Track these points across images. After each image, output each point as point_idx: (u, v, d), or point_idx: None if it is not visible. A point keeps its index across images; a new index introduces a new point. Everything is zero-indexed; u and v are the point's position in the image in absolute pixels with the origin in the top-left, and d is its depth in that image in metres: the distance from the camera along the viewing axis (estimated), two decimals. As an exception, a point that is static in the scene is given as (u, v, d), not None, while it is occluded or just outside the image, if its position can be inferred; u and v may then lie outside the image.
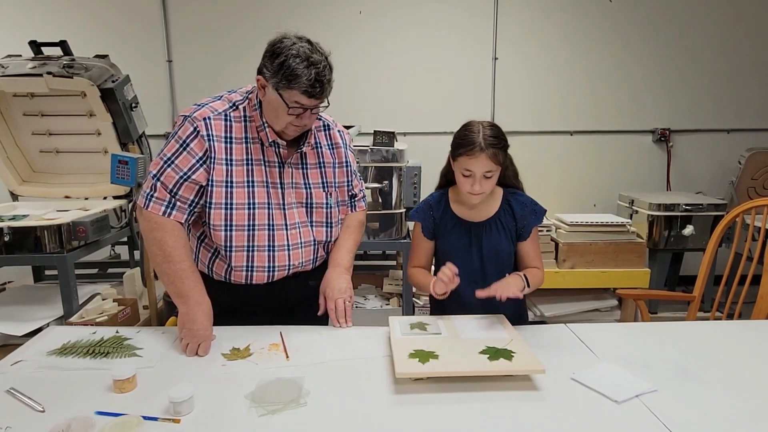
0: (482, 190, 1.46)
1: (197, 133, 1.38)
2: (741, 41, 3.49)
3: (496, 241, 1.54)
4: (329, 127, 1.59)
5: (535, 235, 1.59)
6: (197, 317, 1.35)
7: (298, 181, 1.50)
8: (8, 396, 1.13)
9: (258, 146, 1.44)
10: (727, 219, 1.97)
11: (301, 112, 1.34)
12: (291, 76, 1.28)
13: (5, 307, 2.26)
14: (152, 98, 3.27)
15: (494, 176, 1.47)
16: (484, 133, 1.44)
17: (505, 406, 1.10)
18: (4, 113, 2.66)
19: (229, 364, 1.28)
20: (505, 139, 1.48)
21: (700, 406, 1.10)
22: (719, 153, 3.60)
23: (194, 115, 1.39)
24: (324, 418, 1.06)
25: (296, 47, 1.29)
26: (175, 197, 1.39)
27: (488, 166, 1.43)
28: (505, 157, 1.48)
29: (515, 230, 1.56)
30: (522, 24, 3.44)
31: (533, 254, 1.58)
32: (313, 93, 1.30)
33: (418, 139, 3.44)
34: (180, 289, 1.38)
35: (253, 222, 1.44)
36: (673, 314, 3.04)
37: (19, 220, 2.22)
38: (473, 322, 1.44)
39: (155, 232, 1.39)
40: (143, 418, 1.02)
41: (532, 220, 1.55)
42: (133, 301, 2.26)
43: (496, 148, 1.43)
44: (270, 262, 1.47)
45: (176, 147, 1.38)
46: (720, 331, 1.53)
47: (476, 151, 1.42)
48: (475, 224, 1.56)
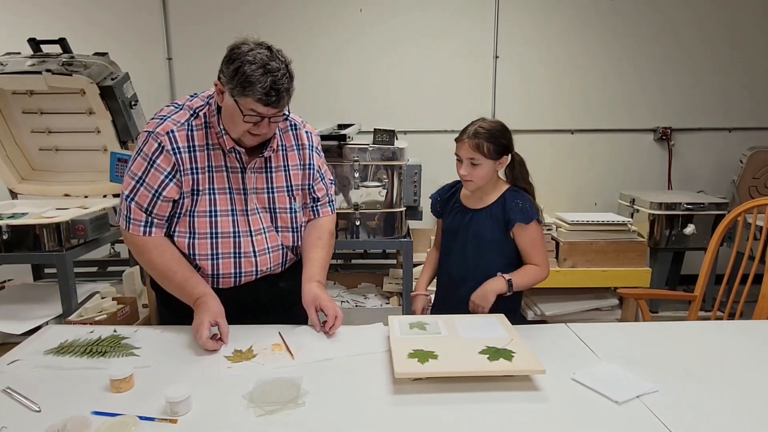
0: (469, 177, 1.60)
1: (162, 148, 1.36)
2: (743, 39, 3.48)
3: (482, 227, 1.65)
4: (296, 127, 1.54)
5: (531, 232, 1.62)
6: (210, 305, 1.37)
7: (260, 186, 1.48)
8: (4, 395, 1.12)
9: (219, 152, 1.42)
10: (729, 218, 1.96)
11: (258, 121, 1.31)
12: (245, 83, 1.25)
13: (4, 305, 2.26)
14: (152, 96, 3.25)
15: (483, 166, 1.59)
16: (479, 125, 1.59)
17: (504, 406, 1.09)
18: (4, 111, 2.65)
19: (235, 366, 1.26)
20: (503, 136, 1.60)
21: (702, 407, 1.09)
22: (721, 152, 3.59)
23: (157, 131, 1.37)
24: (322, 418, 1.05)
25: (253, 53, 1.26)
26: (151, 215, 1.40)
27: (470, 153, 1.57)
28: (496, 150, 1.58)
29: (503, 221, 1.63)
30: (523, 22, 3.43)
31: (530, 250, 1.64)
32: (269, 101, 1.27)
33: (418, 137, 3.44)
34: (188, 296, 1.41)
35: (216, 230, 1.43)
36: (673, 314, 3.03)
37: (18, 218, 2.21)
38: (473, 321, 1.44)
39: (142, 254, 1.42)
40: (140, 418, 1.01)
41: (516, 216, 1.60)
42: (132, 299, 2.25)
43: (481, 138, 1.56)
44: (236, 269, 1.47)
45: (144, 165, 1.37)
46: (721, 330, 1.52)
47: (462, 138, 1.60)
48: (470, 210, 1.69)
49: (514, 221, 1.61)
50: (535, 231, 1.63)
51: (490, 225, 1.64)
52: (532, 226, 1.61)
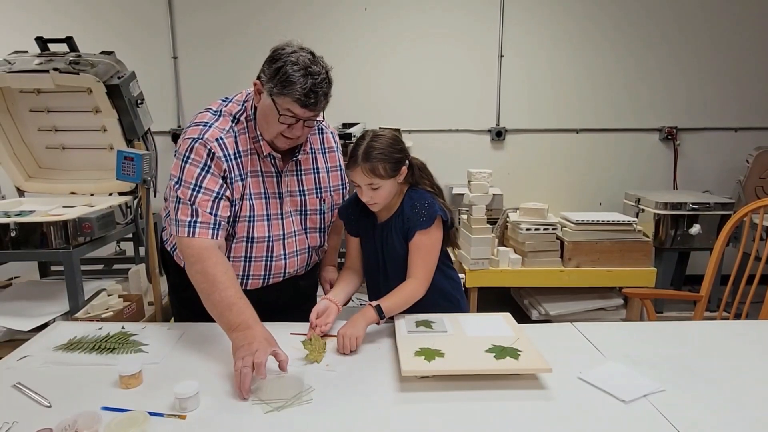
0: (372, 201, 1.43)
1: (213, 155, 1.34)
2: (749, 39, 3.46)
3: (391, 242, 1.48)
4: (323, 131, 1.57)
5: (423, 242, 1.44)
6: (264, 335, 1.20)
7: (293, 189, 1.50)
8: (15, 391, 1.13)
9: (255, 157, 1.43)
10: (735, 218, 1.96)
11: (293, 122, 1.32)
12: (286, 82, 1.26)
13: (12, 302, 2.27)
14: (158, 95, 3.27)
15: (383, 188, 1.41)
16: (368, 145, 1.38)
17: (511, 404, 1.09)
18: (11, 109, 2.67)
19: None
20: (396, 151, 1.41)
21: (708, 407, 1.09)
22: (727, 151, 3.57)
23: (206, 138, 1.34)
24: (330, 415, 1.05)
25: (296, 55, 1.28)
26: (217, 217, 1.35)
27: (366, 179, 1.38)
28: (393, 168, 1.40)
29: (404, 231, 1.46)
30: (528, 21, 3.43)
31: (414, 261, 1.44)
32: (307, 103, 1.28)
33: (422, 136, 3.44)
34: (232, 318, 1.24)
35: (252, 234, 1.44)
36: (679, 314, 3.02)
37: (25, 215, 2.22)
38: (479, 320, 1.44)
39: (198, 263, 1.30)
40: (149, 414, 1.02)
41: (417, 223, 1.43)
42: (138, 297, 2.26)
43: (374, 161, 1.37)
44: (266, 271, 1.49)
45: (197, 171, 1.34)
46: (727, 331, 1.52)
47: (354, 165, 1.39)
48: (378, 224, 1.52)
49: (414, 229, 1.43)
50: (426, 237, 1.43)
51: (397, 237, 1.47)
52: (430, 230, 1.43)
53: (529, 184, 3.53)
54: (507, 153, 3.54)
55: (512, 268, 2.75)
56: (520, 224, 2.79)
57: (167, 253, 1.62)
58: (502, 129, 3.49)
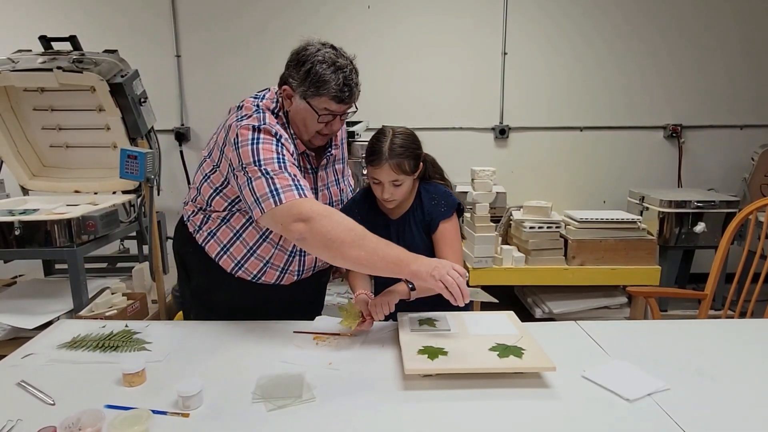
0: (392, 198, 1.47)
1: (280, 136, 1.32)
2: (754, 36, 3.43)
3: (410, 237, 1.52)
4: None
5: (448, 230, 1.51)
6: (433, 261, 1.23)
7: (324, 182, 1.51)
8: (19, 389, 1.14)
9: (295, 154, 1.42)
10: (740, 216, 1.94)
11: (331, 119, 1.33)
12: (319, 82, 1.27)
13: (16, 300, 2.28)
14: (161, 93, 3.27)
15: (405, 184, 1.46)
16: (392, 142, 1.43)
17: (515, 403, 1.09)
18: (15, 108, 2.67)
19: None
20: (417, 147, 1.48)
21: (713, 405, 1.08)
22: (732, 149, 3.55)
23: (268, 122, 1.31)
24: (333, 414, 1.05)
25: (321, 53, 1.28)
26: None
27: (393, 175, 1.43)
28: (415, 164, 1.46)
29: (425, 224, 1.52)
30: (531, 18, 3.41)
31: (442, 249, 1.50)
32: (342, 98, 1.29)
33: (425, 134, 3.39)
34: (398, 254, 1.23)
35: None
36: (683, 312, 3.01)
37: (29, 214, 2.23)
38: (483, 318, 1.44)
39: (329, 217, 1.23)
40: (152, 412, 1.02)
41: (439, 214, 1.51)
42: (142, 295, 2.27)
43: (401, 158, 1.42)
44: (300, 266, 1.49)
45: (274, 147, 1.29)
46: (732, 329, 1.51)
47: (380, 162, 1.42)
48: (393, 221, 1.55)
49: (438, 219, 1.50)
50: (450, 224, 1.51)
51: (417, 231, 1.53)
52: (452, 218, 1.51)
53: (533, 182, 3.52)
54: (510, 151, 3.52)
55: (516, 267, 2.74)
56: (524, 222, 2.78)
57: (190, 255, 1.53)
58: (506, 127, 3.48)
